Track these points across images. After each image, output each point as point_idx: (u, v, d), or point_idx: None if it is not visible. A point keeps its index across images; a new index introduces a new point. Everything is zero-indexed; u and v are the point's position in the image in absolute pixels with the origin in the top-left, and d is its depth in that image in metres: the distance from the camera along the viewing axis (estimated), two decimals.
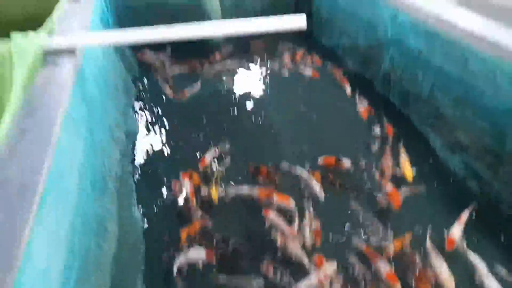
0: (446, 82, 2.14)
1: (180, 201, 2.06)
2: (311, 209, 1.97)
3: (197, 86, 3.06)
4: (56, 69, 1.81)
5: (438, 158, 2.26)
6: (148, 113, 2.85)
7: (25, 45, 1.85)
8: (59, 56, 1.90)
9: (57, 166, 1.29)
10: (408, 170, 2.15)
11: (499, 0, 4.75)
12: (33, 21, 2.55)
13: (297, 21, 1.91)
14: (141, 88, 3.15)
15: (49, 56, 1.90)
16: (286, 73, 3.23)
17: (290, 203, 1.98)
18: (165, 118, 2.79)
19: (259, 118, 2.72)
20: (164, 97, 2.99)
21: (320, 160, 2.27)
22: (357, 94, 2.87)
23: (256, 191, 2.06)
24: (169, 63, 3.42)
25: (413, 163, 2.21)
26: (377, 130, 2.50)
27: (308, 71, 3.19)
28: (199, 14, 3.65)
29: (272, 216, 1.92)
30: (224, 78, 3.23)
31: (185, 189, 2.09)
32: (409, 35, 2.35)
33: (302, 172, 2.17)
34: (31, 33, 1.90)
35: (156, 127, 2.70)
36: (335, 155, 2.27)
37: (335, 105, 2.84)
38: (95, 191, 1.58)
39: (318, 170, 2.20)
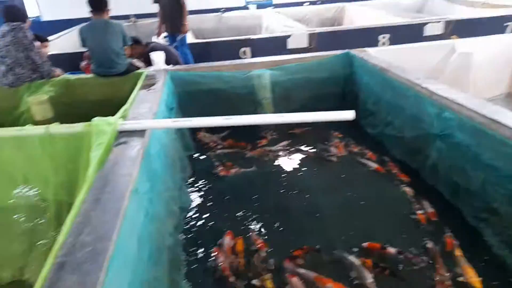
0: (498, 178, 2.10)
1: (223, 268, 2.13)
2: None
3: (250, 168, 3.24)
4: (127, 147, 2.05)
5: (494, 255, 2.14)
6: (200, 188, 3.02)
7: (103, 127, 2.16)
8: (131, 136, 2.17)
9: (123, 234, 1.42)
10: (474, 279, 1.99)
11: None
12: (110, 103, 2.96)
13: (346, 115, 2.05)
14: (195, 165, 3.38)
15: (122, 135, 2.18)
16: (334, 159, 3.31)
17: None
18: (215, 194, 2.93)
19: (304, 201, 2.77)
20: (215, 175, 3.17)
21: (365, 245, 2.26)
22: (416, 196, 2.69)
23: (311, 276, 2.07)
24: (222, 144, 3.68)
25: (467, 259, 2.10)
26: (432, 239, 2.29)
27: (372, 164, 3.16)
28: (252, 101, 3.97)
29: (294, 281, 2.03)
30: (272, 159, 3.39)
31: (225, 248, 2.23)
32: (455, 130, 2.38)
33: (354, 259, 2.14)
34: (109, 118, 2.23)
35: (206, 202, 2.84)
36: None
37: (388, 199, 2.75)
38: (150, 260, 1.67)
39: (370, 258, 2.15)
